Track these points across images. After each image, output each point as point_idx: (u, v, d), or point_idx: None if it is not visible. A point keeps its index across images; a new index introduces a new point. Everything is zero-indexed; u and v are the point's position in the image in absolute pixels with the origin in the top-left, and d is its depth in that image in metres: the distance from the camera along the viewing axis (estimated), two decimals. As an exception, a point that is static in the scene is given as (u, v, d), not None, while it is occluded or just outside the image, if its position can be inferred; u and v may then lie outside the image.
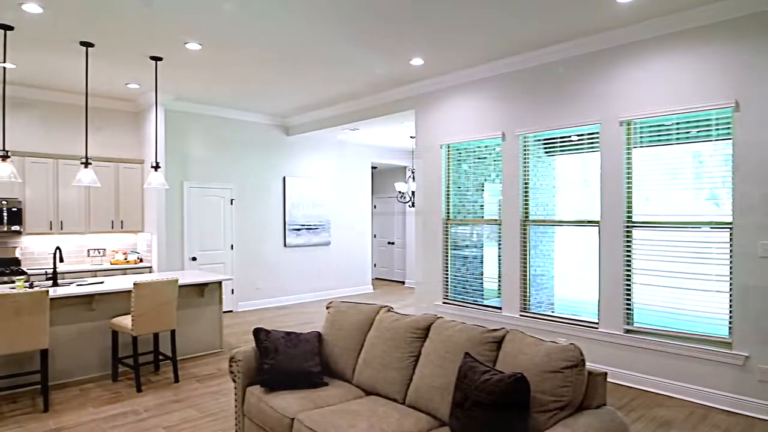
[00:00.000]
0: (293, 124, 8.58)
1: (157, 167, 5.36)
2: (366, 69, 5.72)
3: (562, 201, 5.40)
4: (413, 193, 8.84)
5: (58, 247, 4.82)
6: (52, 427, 3.71)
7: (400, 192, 9.11)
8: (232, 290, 7.99)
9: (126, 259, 6.93)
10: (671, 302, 4.39)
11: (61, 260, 4.75)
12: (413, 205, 9.08)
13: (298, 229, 8.83)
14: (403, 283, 11.31)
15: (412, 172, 9.28)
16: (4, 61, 4.59)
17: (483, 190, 5.95)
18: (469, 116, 5.88)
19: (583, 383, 2.26)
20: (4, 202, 6.01)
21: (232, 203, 8.01)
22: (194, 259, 7.57)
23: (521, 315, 5.39)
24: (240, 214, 8.12)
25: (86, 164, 4.99)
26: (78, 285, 4.88)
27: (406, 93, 6.53)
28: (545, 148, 5.42)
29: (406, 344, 2.97)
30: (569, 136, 5.13)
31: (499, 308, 5.63)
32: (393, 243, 11.62)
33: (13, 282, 5.79)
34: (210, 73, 5.89)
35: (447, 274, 6.20)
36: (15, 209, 6.08)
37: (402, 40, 4.81)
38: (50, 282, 5.01)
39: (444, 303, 6.16)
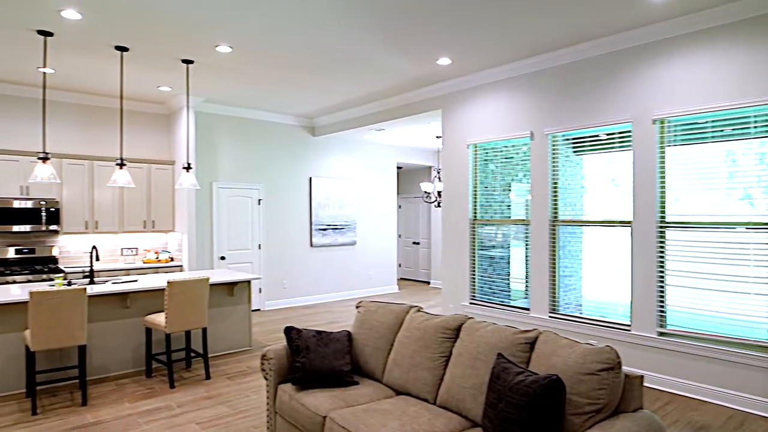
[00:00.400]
0: (319, 124, 8.65)
1: (188, 168, 5.47)
2: (393, 69, 5.74)
3: (590, 201, 5.32)
4: (439, 193, 8.83)
5: (94, 246, 4.96)
6: (91, 420, 3.83)
7: (426, 192, 9.11)
8: (260, 289, 8.10)
9: (158, 258, 7.09)
10: (706, 305, 4.28)
11: (97, 259, 4.89)
12: (439, 205, 9.06)
13: (324, 229, 8.90)
14: (428, 283, 11.29)
15: (438, 172, 9.26)
16: (45, 66, 4.75)
17: (510, 190, 5.90)
18: (496, 115, 5.84)
19: (620, 386, 2.22)
20: (42, 203, 6.22)
21: (259, 203, 8.12)
22: (223, 258, 7.70)
23: (550, 316, 5.33)
24: (267, 214, 8.23)
25: (121, 165, 5.12)
26: (113, 283, 5.02)
27: (432, 93, 6.52)
28: (573, 147, 5.34)
29: (437, 344, 2.97)
30: (597, 135, 5.05)
31: (527, 309, 5.58)
32: (418, 243, 11.61)
33: (52, 280, 5.99)
34: (239, 75, 5.98)
35: (474, 275, 6.17)
36: (53, 209, 6.28)
37: (429, 40, 4.81)
38: (87, 280, 5.16)
39: (471, 303, 6.13)
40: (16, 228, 6.07)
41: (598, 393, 2.17)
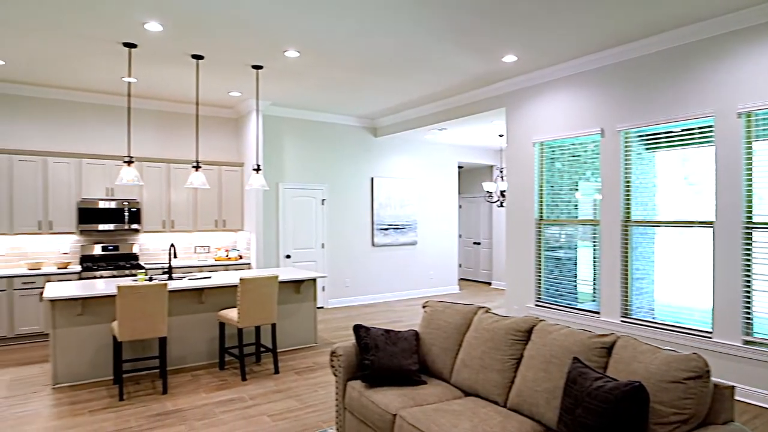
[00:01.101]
0: (381, 125, 8.73)
1: (258, 170, 5.68)
2: (457, 68, 5.70)
3: (663, 200, 5.05)
4: (502, 192, 8.68)
5: (172, 245, 5.25)
6: (171, 408, 4.06)
7: (488, 192, 8.98)
8: (323, 287, 8.28)
9: (227, 256, 7.41)
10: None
11: (175, 256, 5.18)
12: (502, 205, 8.91)
13: (386, 229, 8.97)
14: (489, 284, 11.13)
15: (501, 171, 9.10)
16: (129, 76, 5.09)
17: (577, 189, 5.71)
18: (563, 112, 5.67)
19: (708, 396, 2.10)
20: (125, 203, 6.66)
21: (323, 203, 8.30)
22: (288, 256, 7.93)
23: (622, 321, 5.11)
24: (330, 214, 8.40)
25: (197, 167, 5.39)
26: (189, 279, 5.29)
27: (496, 91, 6.42)
28: (645, 143, 5.10)
29: (507, 346, 2.93)
30: (671, 131, 4.79)
31: (597, 312, 5.38)
32: (479, 243, 11.46)
33: (135, 275, 6.40)
34: (305, 79, 6.14)
35: (539, 276, 6.02)
36: (135, 209, 6.72)
37: (495, 38, 4.74)
38: (166, 276, 5.48)
39: (536, 306, 5.99)
40: (101, 227, 6.54)
41: (684, 402, 2.07)
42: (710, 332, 4.45)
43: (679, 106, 4.63)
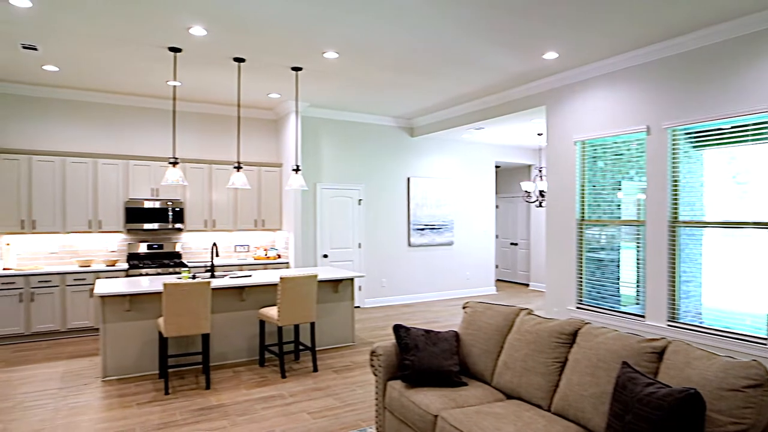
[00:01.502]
0: (418, 125, 8.70)
1: (297, 170, 5.75)
2: (496, 66, 5.62)
3: (711, 200, 4.84)
4: (541, 192, 8.52)
5: (215, 243, 5.38)
6: (215, 403, 4.16)
7: (526, 191, 8.83)
8: (359, 287, 8.32)
9: (266, 255, 7.54)
10: None
11: (217, 255, 5.30)
12: (540, 205, 8.75)
13: (422, 229, 8.94)
14: (527, 285, 10.94)
15: (540, 171, 8.94)
16: (174, 80, 5.23)
17: (620, 189, 5.55)
18: (606, 110, 5.52)
19: (769, 405, 2.00)
20: (169, 203, 6.87)
21: (359, 203, 8.34)
22: (325, 256, 8.01)
23: (669, 325, 4.93)
24: (367, 214, 8.43)
25: (238, 168, 5.51)
26: (231, 277, 5.41)
27: (536, 88, 6.31)
28: (692, 141, 4.90)
29: (551, 349, 2.87)
30: (721, 128, 4.58)
31: (642, 316, 5.21)
32: (516, 244, 11.29)
33: (179, 273, 6.59)
34: (343, 80, 6.19)
35: (581, 278, 5.87)
36: (178, 209, 6.92)
37: (535, 34, 4.65)
38: (208, 274, 5.61)
39: (578, 308, 5.85)
40: (146, 226, 6.76)
41: (743, 412, 1.97)
42: (765, 338, 4.24)
43: (731, 101, 4.43)
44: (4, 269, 6.10)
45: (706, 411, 2.00)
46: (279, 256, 7.68)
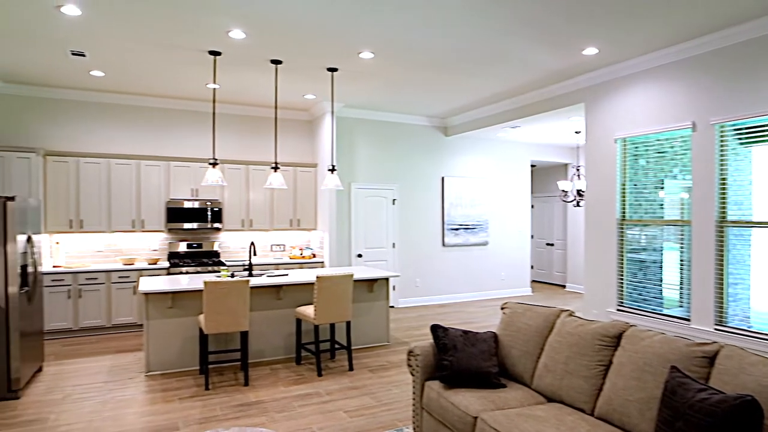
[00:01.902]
0: (452, 124, 8.65)
1: (333, 170, 5.80)
2: (533, 63, 5.53)
3: (760, 199, 4.62)
4: (578, 191, 8.34)
5: (252, 242, 5.47)
6: (253, 399, 4.23)
7: (563, 191, 8.66)
8: (393, 287, 8.33)
9: (302, 254, 7.63)
10: None
11: (255, 254, 5.39)
12: (578, 205, 8.56)
13: (456, 229, 8.87)
14: (564, 286, 10.72)
15: (578, 169, 8.76)
16: (214, 83, 5.35)
17: (662, 188, 5.37)
18: (649, 106, 5.35)
19: (833, 415, 1.90)
20: (208, 203, 7.03)
21: (394, 203, 8.34)
22: (360, 255, 8.04)
23: (716, 329, 4.75)
24: (401, 214, 8.43)
25: (275, 168, 5.59)
26: (268, 276, 5.49)
27: (574, 85, 6.17)
28: (740, 137, 4.70)
29: (594, 352, 2.80)
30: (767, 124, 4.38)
31: (687, 320, 5.03)
32: (552, 244, 11.08)
33: (218, 272, 6.74)
34: (378, 80, 6.20)
35: (621, 279, 5.71)
36: (217, 209, 7.07)
37: (575, 30, 4.55)
38: (246, 272, 5.71)
39: (618, 310, 5.69)
40: (186, 225, 6.93)
41: (804, 421, 1.88)
42: (822, 345, 4.03)
43: (785, 96, 4.23)
44: (54, 266, 6.37)
45: (764, 419, 1.92)
46: (314, 256, 7.76)
